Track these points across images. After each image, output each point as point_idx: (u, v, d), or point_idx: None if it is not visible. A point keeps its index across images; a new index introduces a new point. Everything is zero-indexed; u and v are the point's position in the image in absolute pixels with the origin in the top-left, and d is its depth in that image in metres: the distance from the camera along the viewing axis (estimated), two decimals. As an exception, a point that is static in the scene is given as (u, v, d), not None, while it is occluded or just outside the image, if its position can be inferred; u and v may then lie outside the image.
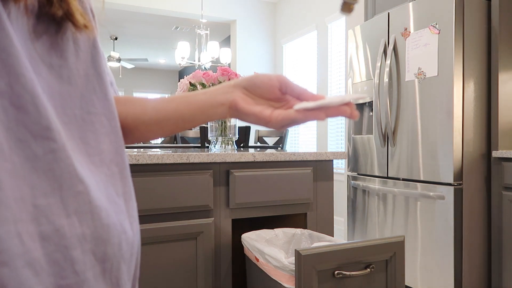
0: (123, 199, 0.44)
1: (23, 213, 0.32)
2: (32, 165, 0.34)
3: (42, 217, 0.33)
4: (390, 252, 1.20)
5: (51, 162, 0.35)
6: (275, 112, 0.53)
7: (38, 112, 0.34)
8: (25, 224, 0.32)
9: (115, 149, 0.44)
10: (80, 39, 0.42)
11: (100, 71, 0.44)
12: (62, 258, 0.34)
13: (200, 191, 1.44)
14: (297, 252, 1.09)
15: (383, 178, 2.60)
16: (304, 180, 1.65)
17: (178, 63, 4.86)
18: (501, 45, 2.19)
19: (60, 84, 0.39)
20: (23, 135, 0.33)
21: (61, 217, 0.35)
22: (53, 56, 0.38)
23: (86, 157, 0.40)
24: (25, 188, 0.33)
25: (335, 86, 4.47)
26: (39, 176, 0.34)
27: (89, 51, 0.43)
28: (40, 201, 0.34)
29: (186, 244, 1.43)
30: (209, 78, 1.77)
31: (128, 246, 0.43)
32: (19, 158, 0.33)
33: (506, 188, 2.12)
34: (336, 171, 4.36)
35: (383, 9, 2.98)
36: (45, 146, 0.34)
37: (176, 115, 0.56)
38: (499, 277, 2.15)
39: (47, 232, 0.34)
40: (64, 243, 0.35)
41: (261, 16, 5.75)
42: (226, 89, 0.55)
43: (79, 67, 0.41)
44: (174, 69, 10.84)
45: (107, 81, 0.45)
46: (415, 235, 2.34)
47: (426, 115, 2.28)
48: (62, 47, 0.39)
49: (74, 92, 0.40)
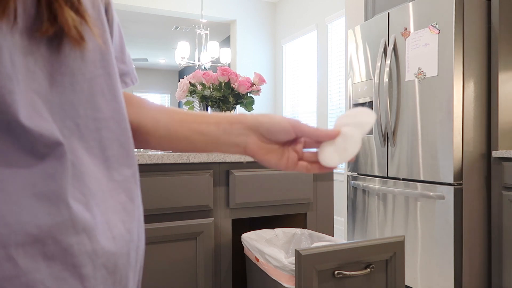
0: (136, 204, 0.43)
1: (23, 236, 0.32)
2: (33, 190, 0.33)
3: (49, 238, 0.33)
4: (390, 252, 1.20)
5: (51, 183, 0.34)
6: (290, 161, 0.55)
7: (26, 137, 0.33)
8: (26, 247, 0.31)
9: (126, 152, 0.43)
10: (88, 37, 0.39)
11: (109, 70, 0.42)
12: (70, 276, 0.34)
13: (200, 191, 1.45)
14: (297, 252, 1.09)
15: (383, 178, 2.60)
16: (304, 180, 1.65)
17: (178, 63, 4.86)
18: (501, 45, 2.19)
19: (61, 95, 0.37)
20: (17, 159, 0.33)
21: (70, 236, 0.34)
22: (54, 64, 0.36)
23: (92, 166, 0.39)
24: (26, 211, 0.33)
25: (335, 86, 4.48)
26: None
27: (97, 49, 0.41)
28: (46, 221, 0.33)
29: (186, 244, 1.43)
30: (209, 78, 1.77)
31: (135, 253, 0.42)
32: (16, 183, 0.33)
33: (506, 188, 2.12)
34: (336, 171, 4.36)
35: (383, 9, 2.98)
36: (45, 167, 0.34)
37: (188, 142, 0.55)
38: (499, 277, 2.15)
39: (53, 252, 0.33)
40: (72, 261, 0.34)
41: (261, 16, 5.75)
42: (242, 130, 0.54)
43: (85, 70, 0.39)
44: (174, 69, 10.84)
45: (117, 80, 0.43)
46: (415, 235, 2.34)
47: (426, 115, 2.28)
48: (64, 53, 0.37)
49: (78, 99, 0.38)
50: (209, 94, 1.77)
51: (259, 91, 1.83)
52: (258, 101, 5.72)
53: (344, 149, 0.51)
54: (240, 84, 1.76)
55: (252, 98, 1.84)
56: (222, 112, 1.79)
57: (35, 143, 0.33)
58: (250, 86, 1.79)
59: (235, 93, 1.78)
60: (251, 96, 1.85)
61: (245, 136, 0.54)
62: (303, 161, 0.55)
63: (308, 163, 0.55)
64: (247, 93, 1.81)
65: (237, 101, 1.80)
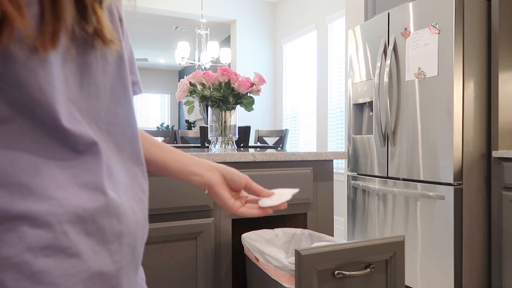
0: (146, 195, 0.54)
1: (72, 215, 0.41)
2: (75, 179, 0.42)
3: (90, 219, 0.42)
4: (390, 252, 1.20)
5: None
6: (236, 203, 0.72)
7: (68, 138, 0.42)
8: (73, 224, 0.41)
9: (137, 153, 0.52)
10: (108, 53, 0.47)
11: (125, 82, 0.51)
12: (102, 250, 0.43)
13: (200, 191, 1.45)
14: (297, 252, 1.09)
15: (383, 178, 2.60)
16: (304, 180, 1.65)
17: (178, 63, 4.86)
18: (501, 45, 2.19)
19: (89, 101, 0.45)
20: (62, 154, 0.41)
21: (104, 218, 0.44)
22: (83, 76, 0.44)
23: (115, 162, 0.48)
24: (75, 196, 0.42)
25: (335, 86, 4.48)
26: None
27: (116, 63, 0.49)
28: (89, 206, 0.42)
29: (186, 244, 1.43)
30: (209, 78, 1.77)
31: (145, 235, 0.53)
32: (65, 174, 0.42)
33: (506, 188, 2.12)
34: (336, 171, 4.36)
35: (383, 9, 2.98)
36: (84, 162, 0.43)
37: (163, 164, 0.72)
38: (499, 277, 2.15)
39: (91, 230, 0.42)
40: (103, 238, 0.43)
41: (261, 16, 5.75)
42: (210, 167, 0.72)
43: (106, 82, 0.47)
44: (174, 69, 10.84)
45: (130, 90, 0.52)
46: (415, 235, 2.35)
47: (426, 115, 2.28)
48: (91, 66, 0.45)
49: (100, 106, 0.46)
50: (209, 94, 1.77)
51: (259, 91, 1.83)
52: (258, 101, 5.72)
53: (275, 199, 0.73)
54: (240, 84, 1.76)
55: (252, 98, 1.84)
56: (222, 112, 1.79)
57: (76, 142, 0.42)
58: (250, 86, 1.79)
59: (235, 93, 1.78)
60: (251, 96, 1.85)
61: (212, 171, 0.71)
62: (243, 207, 0.73)
63: (248, 208, 0.74)
64: (247, 93, 1.82)
65: (237, 101, 1.80)
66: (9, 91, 0.37)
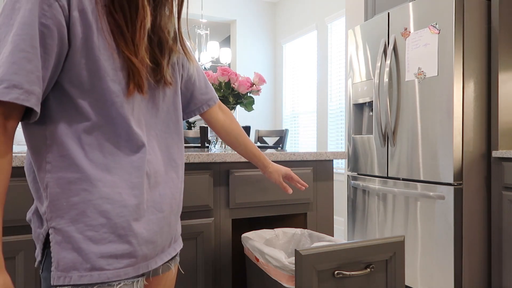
0: (180, 179, 0.86)
1: (127, 210, 0.73)
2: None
3: (158, 203, 0.78)
4: (390, 252, 1.20)
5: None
6: (283, 185, 1.33)
7: (135, 139, 0.74)
8: (127, 217, 0.72)
9: (181, 152, 0.86)
10: (167, 89, 0.81)
11: (177, 106, 0.85)
12: (165, 223, 0.80)
13: (200, 191, 1.45)
14: (297, 252, 1.09)
15: (383, 178, 2.60)
16: (304, 180, 1.65)
17: (178, 63, 4.84)
18: (501, 45, 2.19)
19: (151, 118, 0.78)
20: (128, 149, 0.73)
21: (165, 205, 0.80)
22: (150, 103, 0.78)
23: (159, 156, 0.80)
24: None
25: (335, 86, 4.48)
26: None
27: (171, 96, 0.83)
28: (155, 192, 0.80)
29: (186, 244, 1.43)
30: (209, 78, 1.77)
31: (179, 210, 0.90)
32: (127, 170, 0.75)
33: (506, 188, 2.12)
34: (336, 171, 4.36)
35: (383, 9, 2.98)
36: (137, 159, 0.74)
37: (247, 152, 1.20)
38: (499, 277, 2.15)
39: (159, 209, 0.79)
40: (163, 215, 0.79)
41: (261, 16, 5.75)
42: (278, 169, 1.31)
43: (164, 107, 0.81)
44: (174, 69, 10.81)
45: (180, 110, 0.85)
46: (415, 235, 2.35)
47: (426, 115, 2.28)
48: (155, 97, 0.79)
49: (158, 122, 0.80)
50: (209, 94, 1.76)
51: (259, 91, 1.83)
52: (258, 101, 5.72)
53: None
54: (240, 84, 1.76)
55: (252, 98, 1.84)
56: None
57: (136, 142, 0.73)
58: (250, 86, 1.78)
59: (235, 93, 1.78)
60: (251, 96, 1.85)
61: (280, 171, 1.32)
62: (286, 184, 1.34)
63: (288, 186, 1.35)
64: (247, 93, 1.81)
65: (237, 101, 1.80)
66: (106, 113, 0.70)
